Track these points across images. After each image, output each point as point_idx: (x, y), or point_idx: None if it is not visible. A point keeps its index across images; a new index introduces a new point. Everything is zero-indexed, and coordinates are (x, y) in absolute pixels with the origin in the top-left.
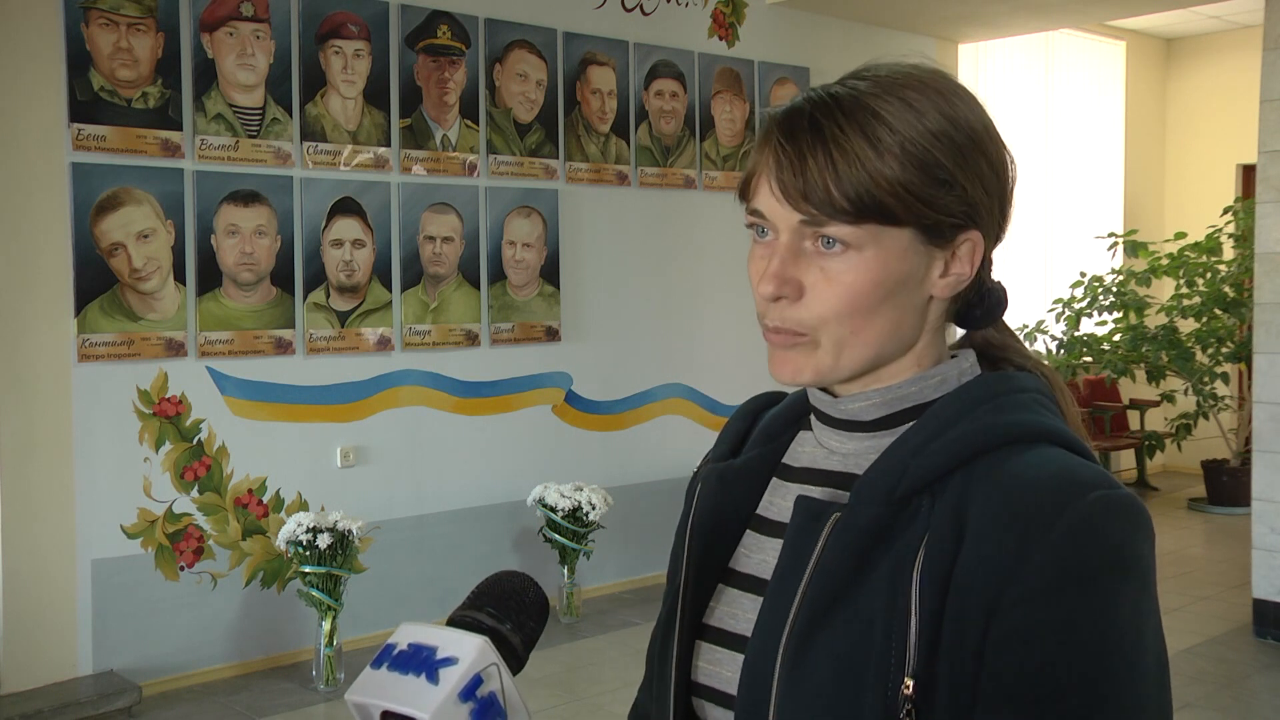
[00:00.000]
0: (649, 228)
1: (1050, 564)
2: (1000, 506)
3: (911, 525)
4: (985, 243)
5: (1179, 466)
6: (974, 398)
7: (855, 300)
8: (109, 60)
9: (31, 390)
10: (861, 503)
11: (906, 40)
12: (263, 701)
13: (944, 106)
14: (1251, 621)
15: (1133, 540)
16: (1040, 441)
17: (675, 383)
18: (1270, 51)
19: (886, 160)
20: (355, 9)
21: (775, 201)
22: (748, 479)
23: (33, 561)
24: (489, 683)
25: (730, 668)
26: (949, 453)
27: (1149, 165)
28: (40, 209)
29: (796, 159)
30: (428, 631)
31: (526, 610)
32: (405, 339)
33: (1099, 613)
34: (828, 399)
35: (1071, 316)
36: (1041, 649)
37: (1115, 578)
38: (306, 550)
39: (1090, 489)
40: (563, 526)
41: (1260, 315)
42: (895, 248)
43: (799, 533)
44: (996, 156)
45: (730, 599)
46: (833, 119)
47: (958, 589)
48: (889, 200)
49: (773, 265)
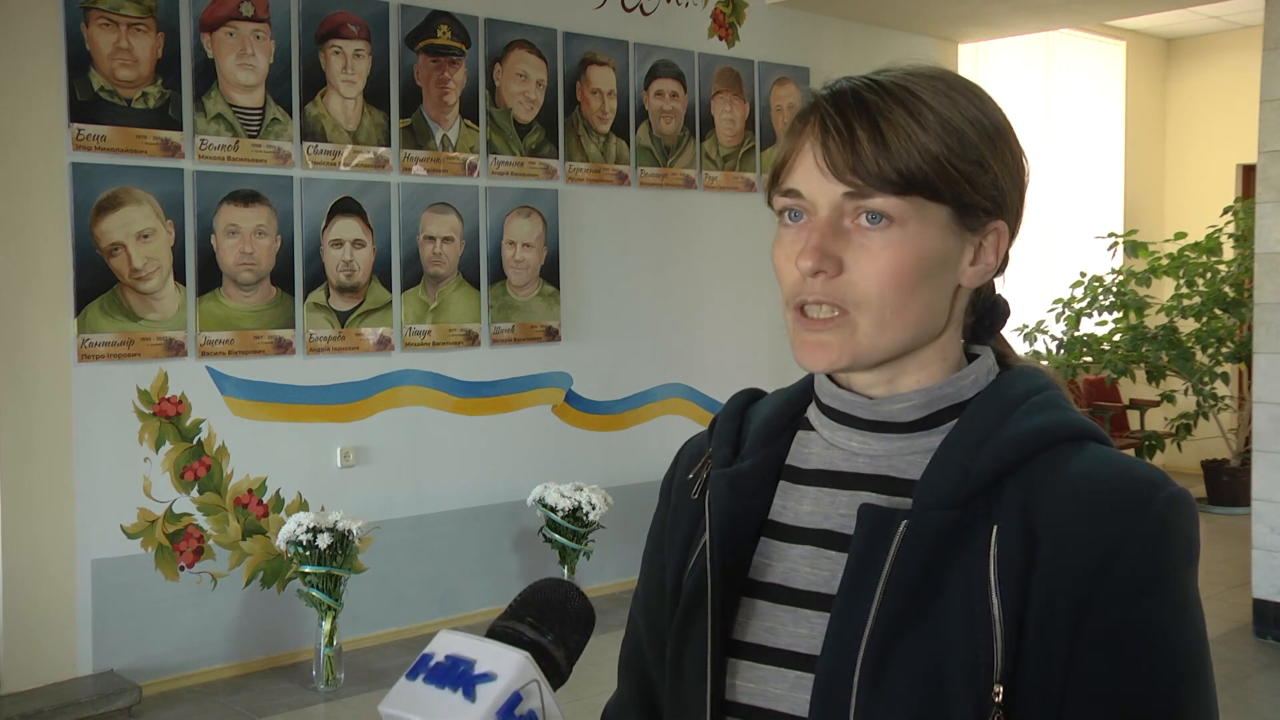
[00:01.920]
0: (649, 228)
1: (1136, 565)
2: (1077, 509)
3: (976, 529)
4: (1008, 237)
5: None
6: (1012, 397)
7: (899, 275)
8: (109, 60)
9: (31, 390)
10: (929, 507)
11: (906, 40)
12: (263, 701)
13: (973, 99)
14: (1251, 621)
15: (1196, 535)
16: (1086, 439)
17: (675, 383)
18: (1270, 51)
19: (931, 135)
20: (355, 9)
21: (819, 175)
22: (756, 483)
23: (33, 561)
24: (529, 700)
25: (777, 684)
26: (1008, 454)
27: (1149, 165)
28: (40, 209)
29: (845, 130)
30: (467, 643)
31: (570, 622)
32: (405, 339)
33: (1181, 609)
34: (859, 401)
35: (1071, 316)
36: (1133, 648)
37: (1189, 573)
38: (306, 550)
39: (1160, 488)
40: (563, 526)
41: (1260, 315)
42: (935, 225)
43: (866, 543)
44: (1018, 151)
45: (762, 612)
46: (879, 95)
47: (1040, 590)
48: (934, 173)
49: (812, 240)
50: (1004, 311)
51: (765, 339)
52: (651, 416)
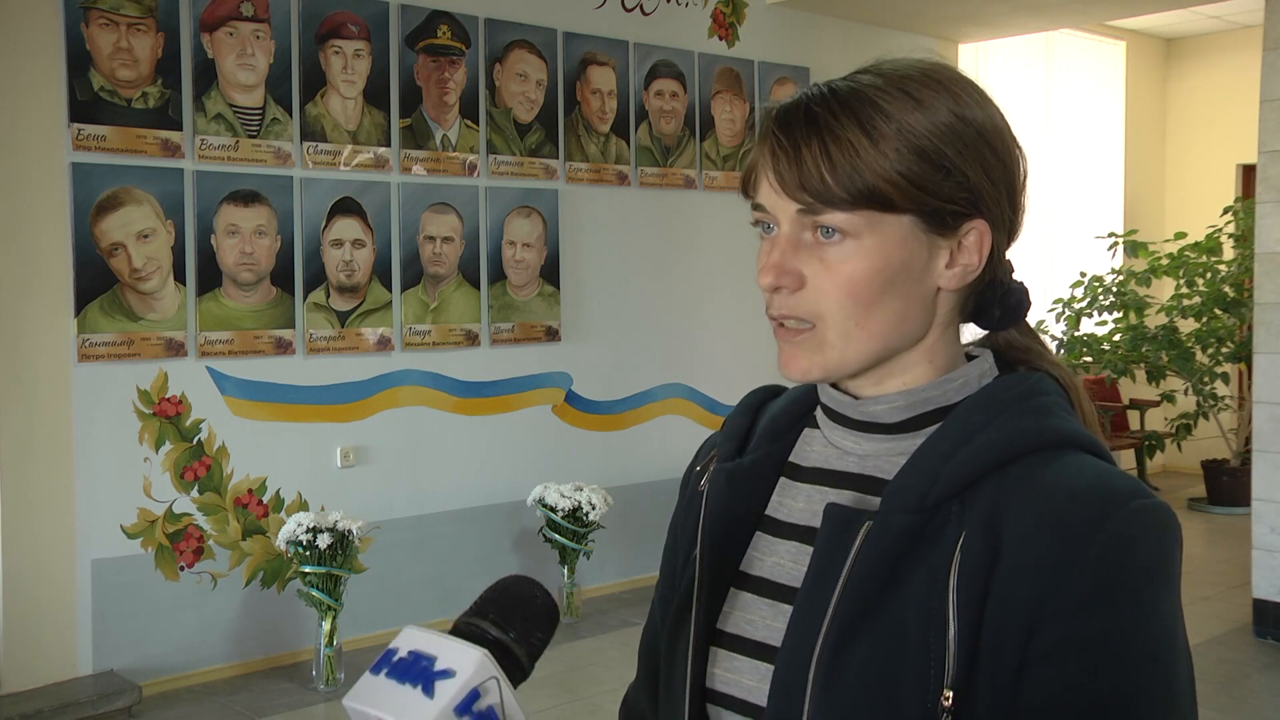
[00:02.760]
0: (649, 228)
1: (1093, 576)
2: (1040, 517)
3: (943, 532)
4: (995, 235)
5: (1179, 466)
6: (999, 402)
7: (856, 289)
8: (109, 60)
9: (31, 390)
10: (893, 510)
11: (906, 40)
12: (263, 701)
13: (949, 101)
14: (1251, 621)
15: (1168, 550)
16: (1069, 447)
17: (675, 383)
18: (1270, 51)
19: (882, 148)
20: (355, 9)
21: (773, 193)
22: (756, 479)
23: (33, 561)
24: (487, 696)
25: (751, 676)
26: (980, 459)
27: (1149, 165)
28: (40, 209)
29: (791, 149)
30: (430, 639)
31: (533, 619)
32: (405, 339)
33: (1140, 624)
34: (847, 400)
35: (1071, 316)
36: (1083, 660)
37: (1155, 588)
38: (306, 550)
39: (1128, 499)
40: (563, 526)
41: (1260, 315)
42: (894, 235)
43: (830, 541)
44: (1003, 148)
45: (745, 604)
46: (828, 109)
47: (997, 599)
48: (884, 187)
49: (772, 257)
50: (1020, 300)
51: (765, 339)
52: (651, 416)
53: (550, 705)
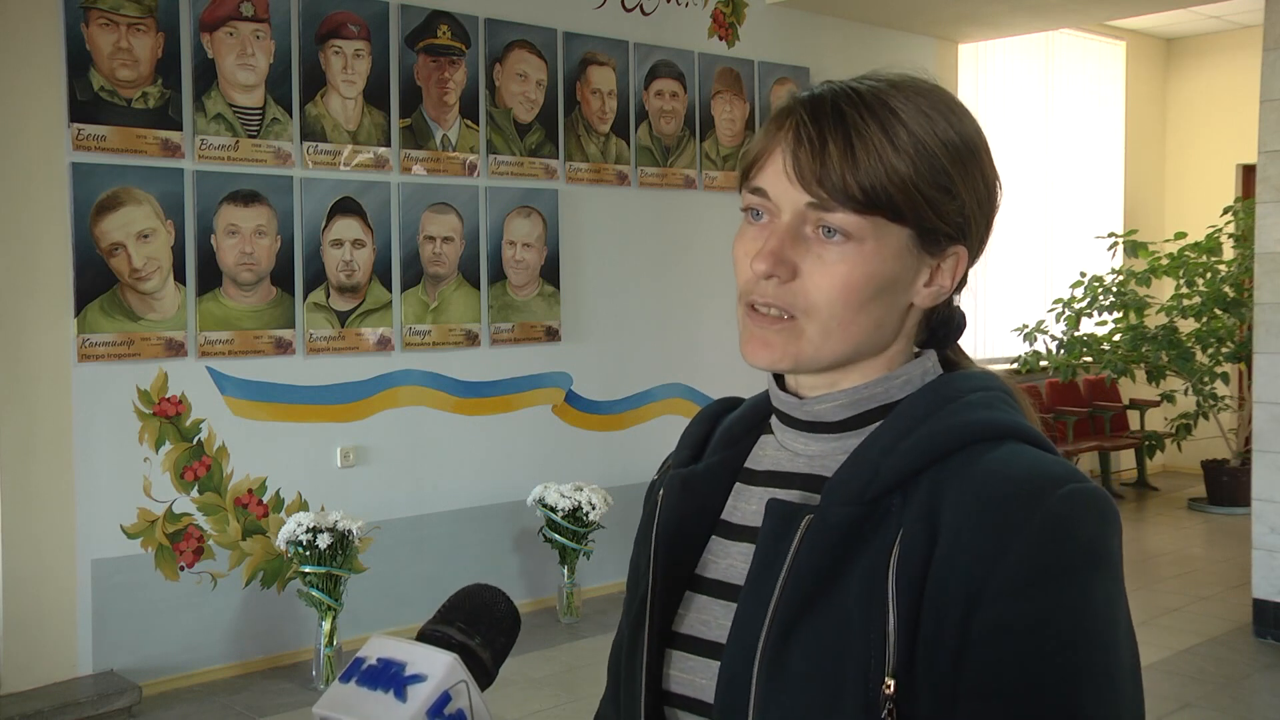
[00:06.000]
0: (649, 228)
1: (1026, 559)
2: (973, 503)
3: (884, 525)
4: (969, 262)
5: (1179, 466)
6: (941, 396)
7: (848, 291)
8: (109, 60)
9: (31, 390)
10: (833, 504)
11: (906, 40)
12: (263, 701)
13: (951, 117)
14: (1251, 621)
15: (1104, 533)
16: (1008, 438)
17: (675, 383)
18: (1270, 51)
19: (902, 157)
20: (355, 9)
21: (785, 181)
22: (711, 484)
23: (33, 561)
24: (457, 700)
25: (705, 675)
26: (919, 451)
27: (1149, 165)
28: (40, 209)
29: (818, 141)
30: (398, 646)
31: (498, 625)
32: (405, 339)
33: (1076, 606)
34: (792, 400)
35: (1071, 316)
36: (1020, 643)
37: (1089, 571)
38: (306, 550)
39: (1062, 483)
40: (563, 526)
41: (1260, 315)
42: (892, 246)
43: (771, 536)
44: (992, 175)
45: (700, 606)
46: (856, 109)
47: (934, 586)
48: (898, 196)
49: (770, 243)
50: (959, 325)
51: None
52: (651, 416)
53: (550, 705)
